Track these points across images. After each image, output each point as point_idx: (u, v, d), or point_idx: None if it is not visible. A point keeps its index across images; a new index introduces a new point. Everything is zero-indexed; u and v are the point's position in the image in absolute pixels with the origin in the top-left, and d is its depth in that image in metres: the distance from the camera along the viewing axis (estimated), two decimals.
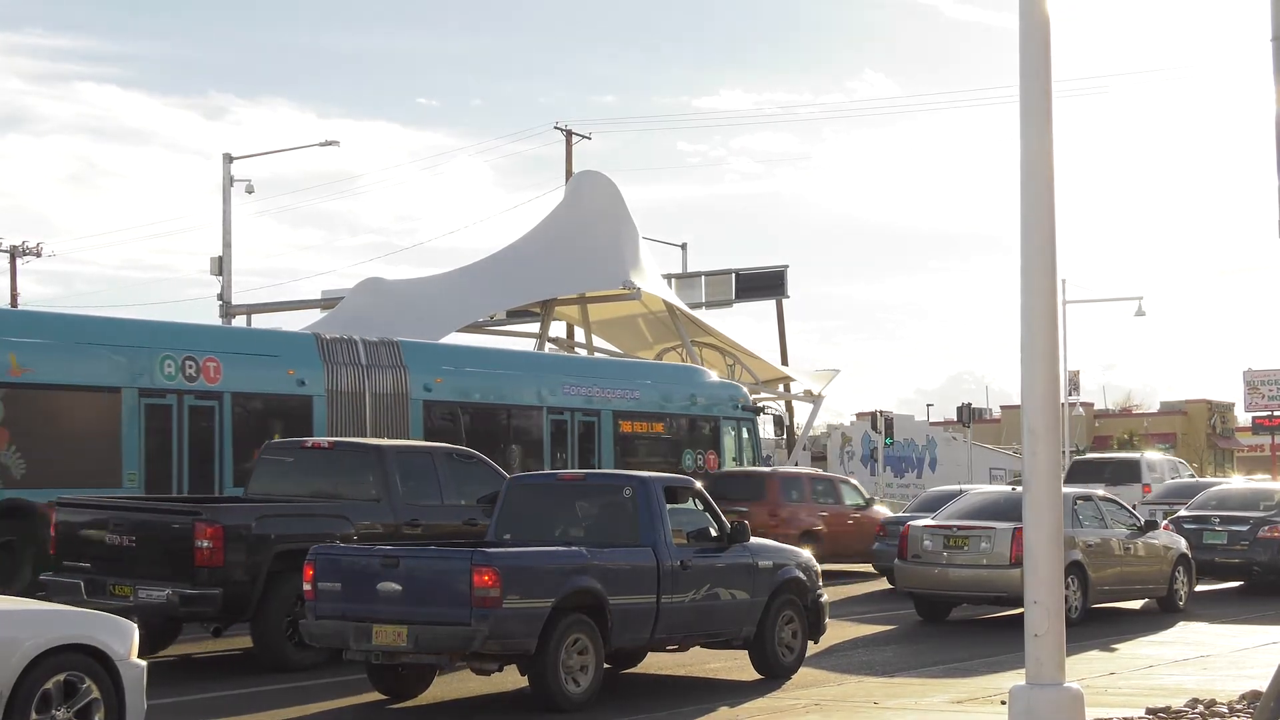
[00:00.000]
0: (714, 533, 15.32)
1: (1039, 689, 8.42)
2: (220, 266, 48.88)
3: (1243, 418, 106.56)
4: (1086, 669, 15.17)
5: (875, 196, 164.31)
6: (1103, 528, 22.16)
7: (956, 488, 27.89)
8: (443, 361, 27.99)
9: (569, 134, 55.65)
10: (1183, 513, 27.74)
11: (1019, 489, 27.30)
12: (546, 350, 41.47)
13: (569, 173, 53.36)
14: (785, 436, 45.00)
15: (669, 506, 14.88)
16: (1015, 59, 8.66)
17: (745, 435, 33.40)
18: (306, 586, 13.71)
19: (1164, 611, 22.95)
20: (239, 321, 47.35)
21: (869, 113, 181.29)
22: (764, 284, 53.86)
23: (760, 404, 35.91)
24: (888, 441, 37.80)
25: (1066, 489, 23.39)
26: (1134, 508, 25.71)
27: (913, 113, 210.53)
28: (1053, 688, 8.41)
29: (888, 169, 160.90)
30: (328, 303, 45.95)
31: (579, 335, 47.85)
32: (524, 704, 13.92)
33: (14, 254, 62.78)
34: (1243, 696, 12.92)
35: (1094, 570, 21.33)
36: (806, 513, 29.03)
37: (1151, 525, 23.75)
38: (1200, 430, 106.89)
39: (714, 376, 35.11)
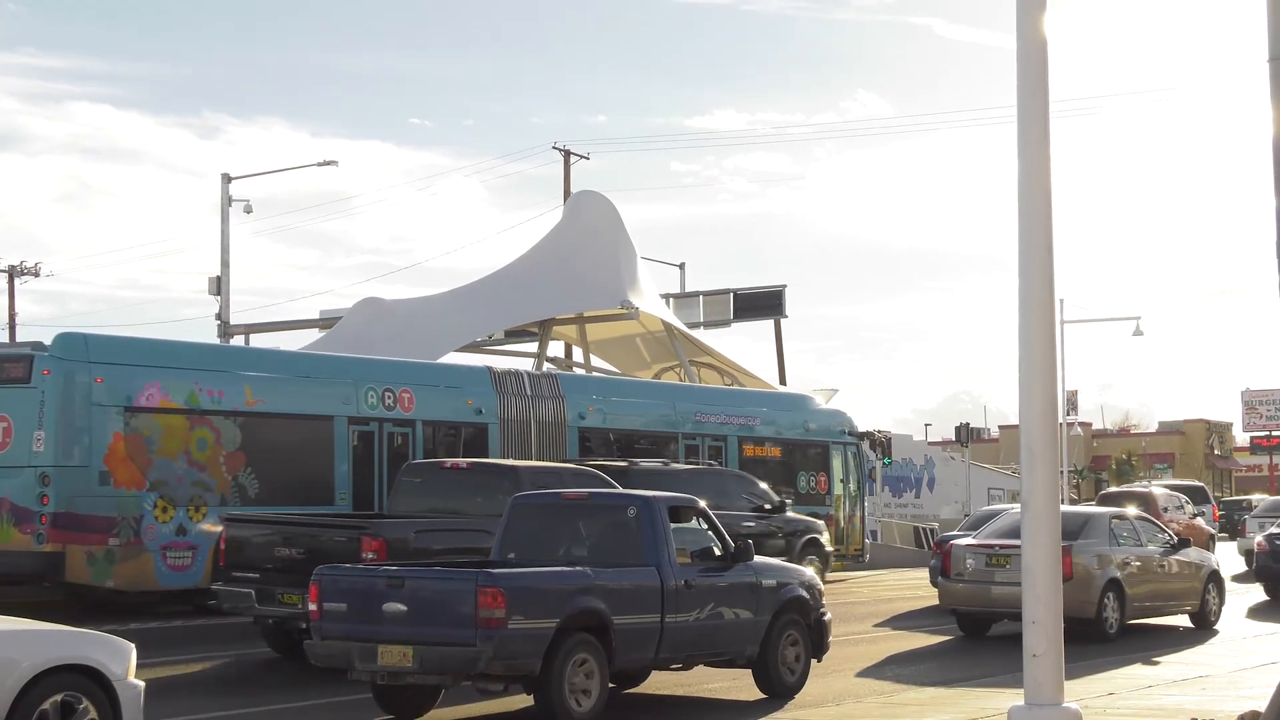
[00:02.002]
0: (718, 552, 15.34)
1: (1037, 709, 8.41)
2: (218, 286, 48.83)
3: (1241, 438, 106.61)
4: (1085, 689, 15.15)
5: (870, 216, 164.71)
6: (1138, 546, 22.93)
7: (1001, 506, 29.55)
8: (594, 392, 31.04)
9: (567, 154, 55.69)
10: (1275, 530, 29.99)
11: (1063, 506, 29.00)
12: (545, 369, 41.46)
13: (567, 192, 53.33)
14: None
15: (673, 526, 14.90)
16: (1009, 79, 8.69)
17: (851, 459, 35.48)
18: (312, 606, 13.71)
19: (1197, 628, 23.67)
20: (237, 341, 47.31)
21: (862, 133, 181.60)
22: (762, 304, 53.78)
23: (863, 431, 37.43)
24: (886, 461, 37.69)
25: (1101, 509, 25.18)
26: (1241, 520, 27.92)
27: (906, 133, 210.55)
28: (1051, 708, 8.41)
29: (882, 189, 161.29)
30: (326, 322, 45.91)
31: (577, 355, 47.80)
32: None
33: (12, 274, 62.83)
34: (1241, 717, 12.87)
35: (1130, 587, 22.17)
36: None
37: (1184, 544, 24.30)
38: (1198, 450, 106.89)
39: (821, 403, 37.23)
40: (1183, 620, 24.07)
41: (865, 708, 14.77)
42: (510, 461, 23.01)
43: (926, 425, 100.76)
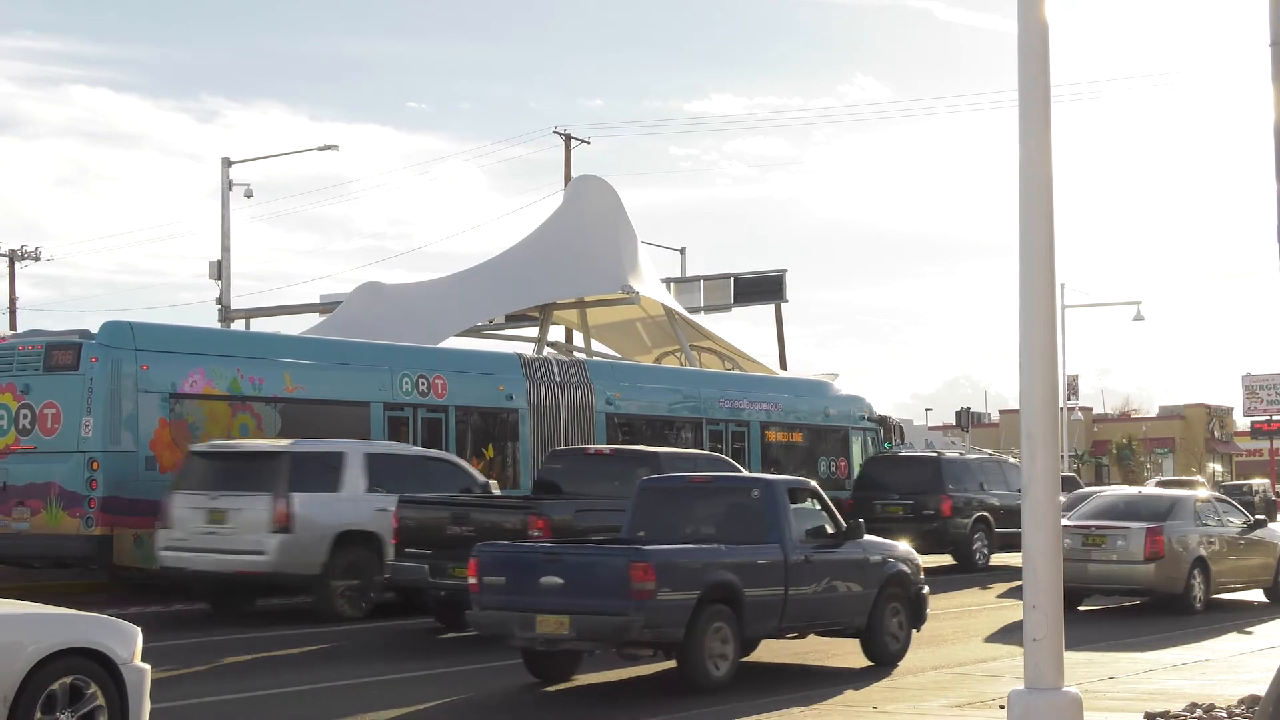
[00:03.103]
0: (830, 530, 16.56)
1: (1038, 693, 8.40)
2: (219, 270, 48.81)
3: (1241, 422, 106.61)
4: (1085, 673, 15.16)
5: (868, 201, 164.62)
6: (1220, 526, 24.42)
7: (1091, 490, 31.67)
8: (620, 379, 31.53)
9: (568, 138, 55.57)
10: None
11: (1143, 490, 29.73)
12: (546, 354, 41.47)
13: (568, 177, 53.24)
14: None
15: (791, 506, 16.15)
16: (1008, 63, 8.65)
17: (870, 443, 36.24)
18: (471, 580, 14.99)
19: (1271, 601, 25.14)
20: (238, 325, 47.33)
21: (861, 117, 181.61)
22: (763, 288, 53.73)
23: (882, 415, 38.01)
24: (886, 446, 37.78)
25: (1186, 492, 27.34)
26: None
27: (905, 117, 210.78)
28: (1051, 692, 8.39)
29: (881, 173, 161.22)
30: (326, 307, 45.87)
31: (577, 339, 47.76)
32: (666, 687, 15.08)
33: (12, 258, 62.83)
34: (1241, 701, 12.90)
35: (1214, 564, 23.71)
36: None
37: (1260, 524, 25.72)
38: (1199, 435, 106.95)
39: (840, 389, 37.59)
40: (1257, 595, 25.48)
41: (865, 693, 14.78)
42: (650, 448, 24.42)
43: (927, 410, 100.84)
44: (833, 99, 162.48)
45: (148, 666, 10.46)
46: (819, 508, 16.67)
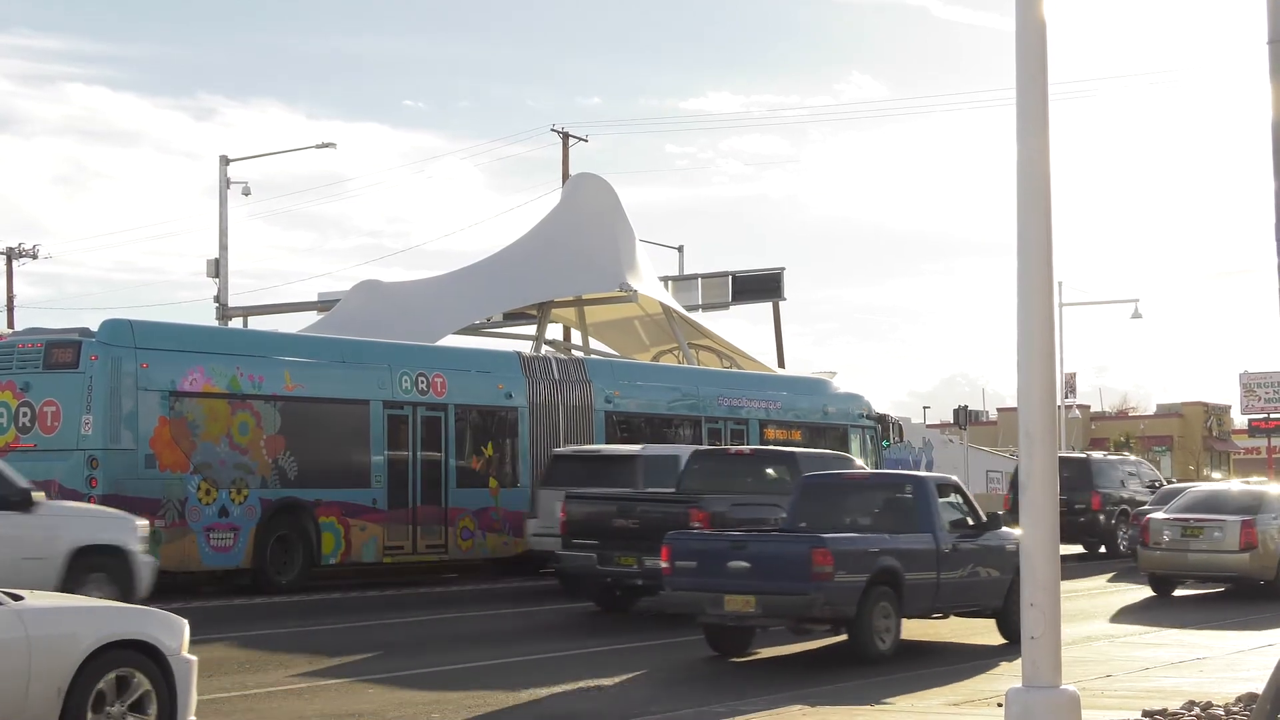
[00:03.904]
0: (971, 521, 18.54)
1: (1036, 691, 8.42)
2: (216, 269, 48.84)
3: (1239, 420, 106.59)
4: (1083, 671, 15.18)
5: (865, 199, 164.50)
6: None
7: (1183, 485, 34.48)
8: (619, 377, 31.69)
9: (566, 136, 55.54)
10: None
11: (1236, 484, 32.43)
12: (544, 352, 41.49)
13: (565, 175, 53.23)
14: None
15: (939, 500, 18.20)
16: (1005, 61, 8.66)
17: (869, 440, 36.39)
18: (664, 564, 17.13)
19: None
20: (235, 323, 47.33)
21: (857, 115, 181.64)
22: (761, 286, 53.72)
23: (880, 413, 38.17)
24: (885, 444, 37.86)
25: (1269, 487, 29.79)
26: None
27: (901, 115, 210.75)
28: (1049, 690, 8.41)
29: (878, 172, 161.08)
30: (324, 305, 45.86)
31: (575, 338, 47.76)
32: (835, 659, 17.12)
33: (10, 256, 62.81)
34: (1239, 699, 12.92)
35: None
36: None
37: None
38: (1196, 433, 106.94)
39: (839, 387, 37.73)
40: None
41: (863, 688, 14.79)
42: (789, 449, 26.10)
43: (925, 408, 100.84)
44: (829, 97, 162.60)
45: (195, 658, 10.75)
46: (961, 501, 18.78)
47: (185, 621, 10.83)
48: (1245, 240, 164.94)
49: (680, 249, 59.79)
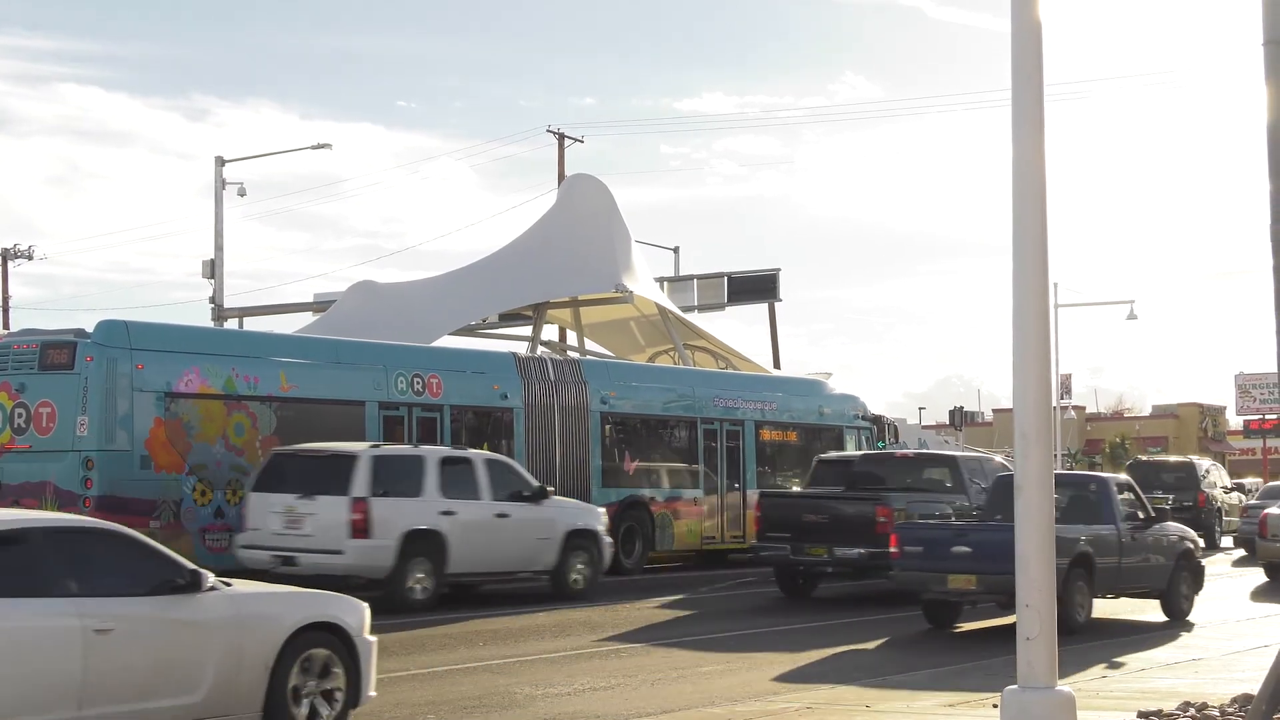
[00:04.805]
0: (1141, 515, 21.58)
1: (1031, 692, 8.42)
2: (212, 269, 48.78)
3: (1234, 421, 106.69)
4: (1078, 672, 15.19)
5: (860, 200, 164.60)
6: None
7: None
8: (615, 378, 31.72)
9: (561, 137, 55.49)
10: None
11: None
12: (540, 353, 41.48)
13: (561, 175, 53.18)
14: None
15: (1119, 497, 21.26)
16: (999, 61, 8.76)
17: (865, 442, 36.33)
18: (893, 549, 20.34)
19: None
20: (231, 324, 47.27)
21: (851, 116, 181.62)
22: (756, 287, 53.65)
23: (876, 414, 38.33)
24: (880, 445, 37.86)
25: None
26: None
27: (895, 116, 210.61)
28: (1045, 691, 8.42)
29: (872, 172, 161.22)
30: (319, 306, 45.81)
31: (571, 339, 47.73)
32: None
33: (5, 256, 62.74)
34: (1234, 700, 12.93)
35: None
36: None
37: None
38: (1192, 434, 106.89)
39: (834, 388, 37.83)
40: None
41: (857, 692, 14.79)
42: (948, 452, 29.13)
43: (920, 409, 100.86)
44: (823, 98, 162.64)
45: (374, 638, 12.02)
46: (1134, 498, 21.82)
47: (366, 605, 12.08)
48: (1241, 241, 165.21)
49: (676, 250, 59.79)
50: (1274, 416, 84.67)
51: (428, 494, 22.71)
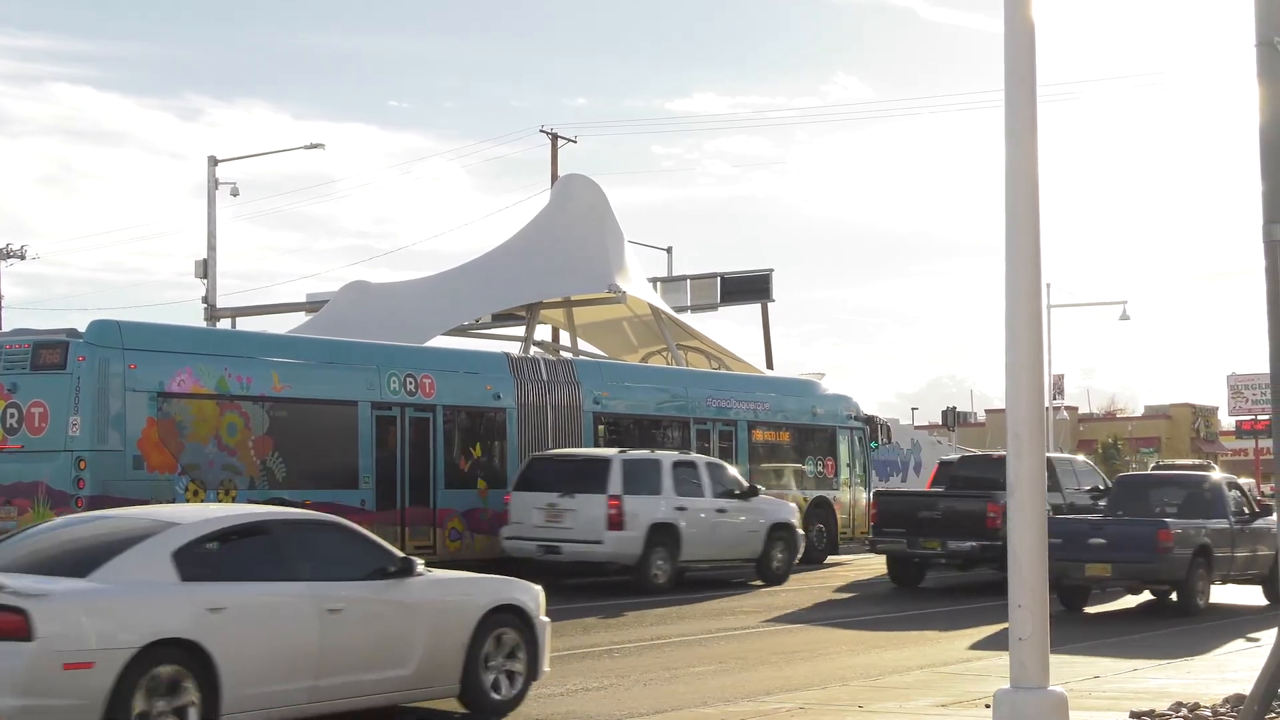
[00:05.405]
0: (1247, 510, 24.09)
1: (1023, 693, 8.43)
2: (205, 269, 48.75)
3: (1226, 421, 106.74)
4: (1070, 672, 15.20)
5: (852, 200, 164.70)
6: None
7: None
8: (608, 378, 31.78)
9: (555, 137, 55.44)
10: None
11: None
12: (533, 353, 41.50)
13: (554, 176, 53.13)
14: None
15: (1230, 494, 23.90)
16: (992, 62, 8.73)
17: (857, 443, 36.66)
18: None
19: None
20: (223, 324, 47.23)
21: (843, 117, 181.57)
22: (749, 287, 53.70)
23: (868, 414, 38.36)
24: (873, 445, 37.92)
25: None
26: None
27: (888, 117, 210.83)
28: (1037, 691, 8.42)
29: (864, 173, 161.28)
30: (312, 306, 45.78)
31: (564, 339, 47.73)
32: (1154, 613, 23.32)
33: None
34: (1226, 700, 12.95)
35: None
36: None
37: None
38: (1184, 434, 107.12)
39: (827, 388, 37.79)
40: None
41: (851, 691, 14.81)
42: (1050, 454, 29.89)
43: (913, 409, 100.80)
44: (815, 98, 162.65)
45: (549, 620, 13.49)
46: (1240, 495, 24.31)
47: (541, 588, 13.53)
48: (1233, 242, 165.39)
49: (669, 250, 59.81)
50: (1266, 417, 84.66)
51: (665, 492, 26.35)
